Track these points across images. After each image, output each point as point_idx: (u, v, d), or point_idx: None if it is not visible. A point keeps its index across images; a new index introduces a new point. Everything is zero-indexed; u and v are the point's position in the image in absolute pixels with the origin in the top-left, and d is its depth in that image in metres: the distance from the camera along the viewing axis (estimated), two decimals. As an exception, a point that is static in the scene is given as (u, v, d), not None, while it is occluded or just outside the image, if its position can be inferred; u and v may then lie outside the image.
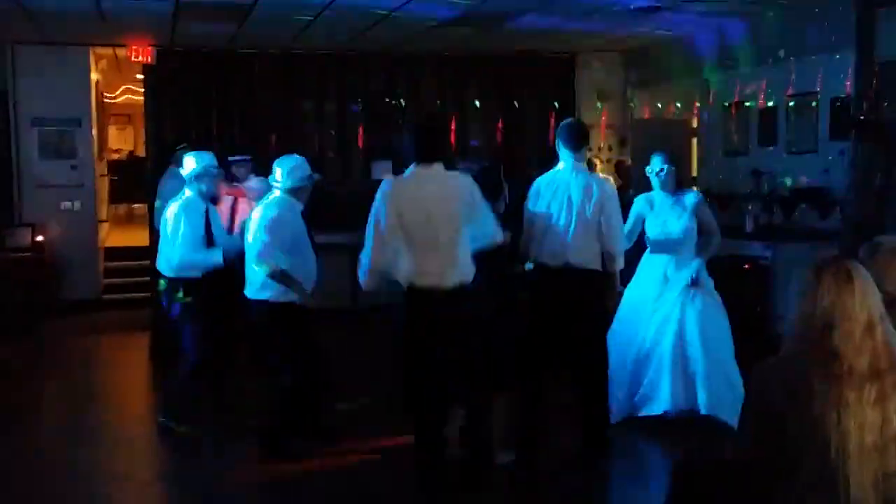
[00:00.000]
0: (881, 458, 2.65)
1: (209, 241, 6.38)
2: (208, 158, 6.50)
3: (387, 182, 4.96)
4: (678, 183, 6.49)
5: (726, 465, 3.01)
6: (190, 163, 6.43)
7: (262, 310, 5.74)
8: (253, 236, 5.65)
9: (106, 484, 5.69)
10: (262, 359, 6.41)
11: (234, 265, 6.26)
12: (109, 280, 12.08)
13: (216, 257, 6.29)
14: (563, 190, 5.40)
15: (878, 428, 2.65)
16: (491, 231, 5.06)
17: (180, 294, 6.28)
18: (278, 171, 5.77)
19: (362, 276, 5.01)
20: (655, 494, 4.92)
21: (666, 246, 6.37)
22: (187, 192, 6.44)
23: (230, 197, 7.66)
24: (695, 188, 6.43)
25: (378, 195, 4.90)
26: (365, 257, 4.93)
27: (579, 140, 5.59)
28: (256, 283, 5.71)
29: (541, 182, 5.53)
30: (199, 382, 6.54)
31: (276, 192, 5.79)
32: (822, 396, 2.67)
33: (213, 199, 6.78)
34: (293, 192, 5.76)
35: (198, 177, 6.39)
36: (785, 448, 2.71)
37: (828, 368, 2.71)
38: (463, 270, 4.89)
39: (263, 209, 5.73)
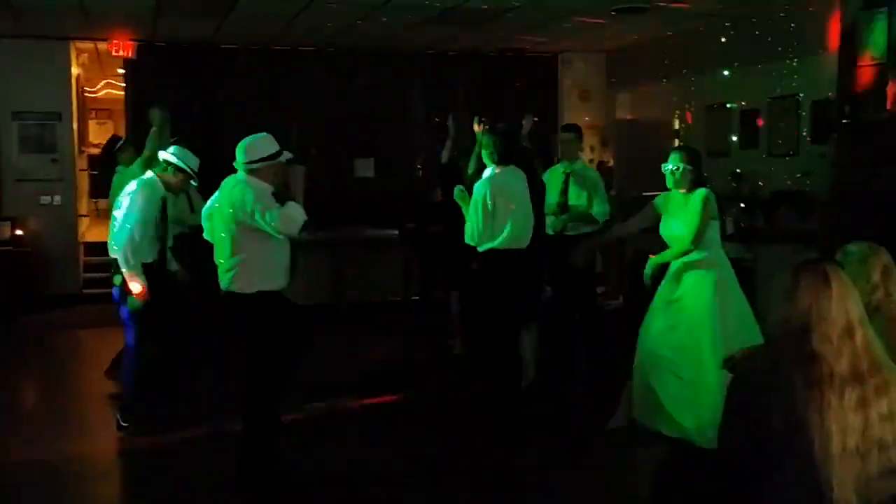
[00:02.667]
0: (863, 462, 2.66)
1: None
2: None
3: (486, 180, 6.25)
4: (696, 183, 5.97)
5: (710, 462, 3.02)
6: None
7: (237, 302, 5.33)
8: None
9: (83, 480, 5.66)
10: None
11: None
12: (89, 274, 12.00)
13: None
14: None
15: (860, 432, 2.67)
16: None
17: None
18: (238, 151, 5.30)
19: (470, 241, 6.32)
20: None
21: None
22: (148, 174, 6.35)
23: None
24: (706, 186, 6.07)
25: (481, 187, 6.21)
26: (473, 230, 6.25)
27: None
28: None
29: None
30: (151, 381, 6.45)
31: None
32: (804, 399, 2.69)
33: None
34: (253, 171, 5.23)
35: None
36: (768, 447, 2.72)
37: (808, 371, 2.72)
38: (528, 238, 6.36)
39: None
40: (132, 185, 6.28)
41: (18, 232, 11.09)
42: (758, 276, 8.25)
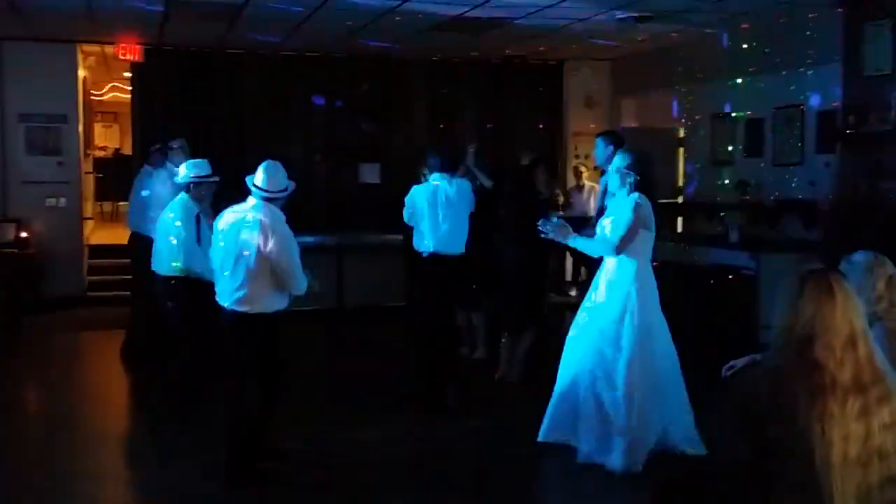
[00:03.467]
0: (864, 470, 2.67)
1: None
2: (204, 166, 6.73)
3: (420, 187, 7.17)
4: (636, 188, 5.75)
5: (711, 470, 3.03)
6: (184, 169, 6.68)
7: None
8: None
9: (87, 481, 5.65)
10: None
11: None
12: (93, 277, 12.04)
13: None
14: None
15: (862, 441, 2.67)
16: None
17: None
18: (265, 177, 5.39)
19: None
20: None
21: None
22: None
23: None
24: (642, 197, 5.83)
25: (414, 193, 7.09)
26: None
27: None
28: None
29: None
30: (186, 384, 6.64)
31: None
32: (807, 408, 2.69)
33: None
34: (273, 201, 5.37)
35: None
36: (770, 456, 2.73)
37: (811, 380, 2.73)
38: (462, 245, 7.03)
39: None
40: (172, 212, 6.63)
41: (23, 234, 11.12)
42: (762, 284, 8.25)
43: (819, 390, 2.70)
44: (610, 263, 5.78)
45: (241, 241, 5.30)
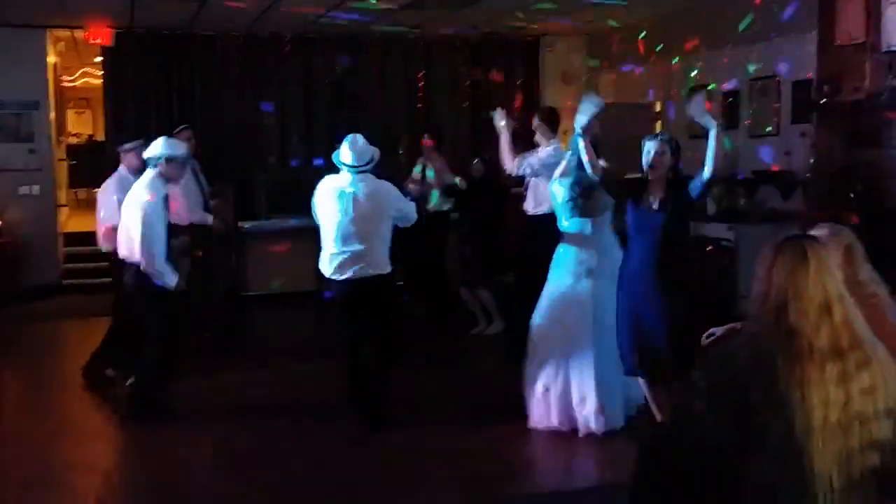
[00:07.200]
0: (845, 436, 2.66)
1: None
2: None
3: None
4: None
5: (692, 441, 3.02)
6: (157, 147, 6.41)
7: None
8: None
9: (67, 472, 5.61)
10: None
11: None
12: (69, 265, 11.95)
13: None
14: None
15: (842, 406, 2.67)
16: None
17: None
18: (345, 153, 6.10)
19: None
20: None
21: None
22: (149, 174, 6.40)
23: None
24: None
25: None
26: None
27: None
28: None
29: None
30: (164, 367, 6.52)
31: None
32: (786, 373, 2.68)
33: None
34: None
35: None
36: (749, 424, 2.72)
37: (789, 346, 2.72)
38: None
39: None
40: (137, 189, 6.33)
41: (-3, 223, 11.02)
42: (740, 254, 8.28)
43: (797, 356, 2.69)
44: None
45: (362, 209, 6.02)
